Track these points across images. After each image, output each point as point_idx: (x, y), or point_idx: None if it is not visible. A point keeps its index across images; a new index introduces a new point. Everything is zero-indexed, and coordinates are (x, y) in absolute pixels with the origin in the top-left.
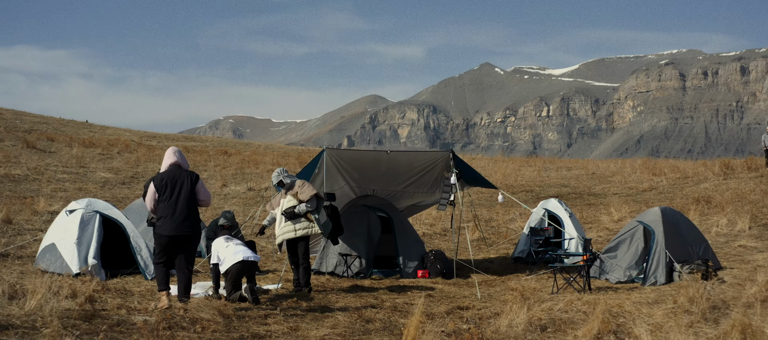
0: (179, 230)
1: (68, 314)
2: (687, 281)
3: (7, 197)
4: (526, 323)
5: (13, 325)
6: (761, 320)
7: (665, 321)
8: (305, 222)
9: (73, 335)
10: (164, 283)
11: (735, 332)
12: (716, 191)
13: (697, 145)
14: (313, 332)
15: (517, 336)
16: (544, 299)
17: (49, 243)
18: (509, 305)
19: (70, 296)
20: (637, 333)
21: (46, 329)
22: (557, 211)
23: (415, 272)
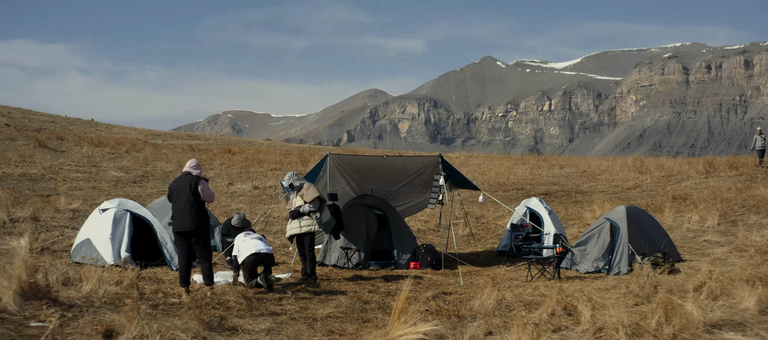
0: (182, 226)
1: (118, 296)
2: (640, 270)
3: (28, 195)
4: (495, 303)
5: (77, 304)
6: (681, 299)
7: (611, 302)
8: (309, 220)
9: (144, 308)
10: (185, 281)
11: (659, 308)
12: (696, 189)
13: (700, 140)
14: (319, 311)
15: (486, 313)
16: (516, 285)
17: (84, 238)
18: (482, 289)
19: (115, 283)
20: (580, 310)
21: (124, 303)
22: (538, 209)
23: (408, 263)
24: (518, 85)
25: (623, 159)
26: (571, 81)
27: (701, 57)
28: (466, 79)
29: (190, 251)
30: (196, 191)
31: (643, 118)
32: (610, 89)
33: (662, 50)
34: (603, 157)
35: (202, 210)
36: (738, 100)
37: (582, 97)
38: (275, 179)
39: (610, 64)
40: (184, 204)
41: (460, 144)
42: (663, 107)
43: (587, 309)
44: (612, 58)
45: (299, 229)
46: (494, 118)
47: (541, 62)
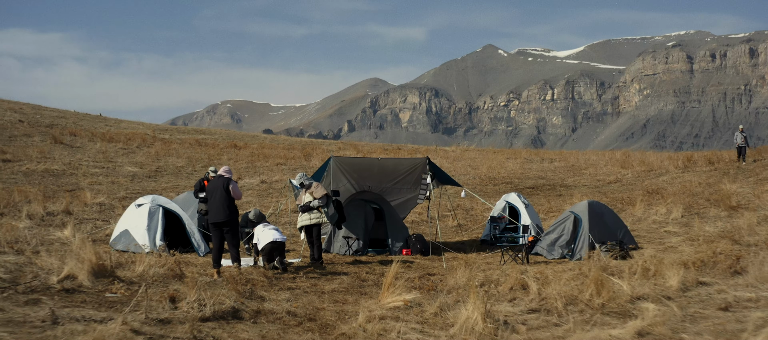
0: (217, 218)
1: (165, 275)
2: (596, 256)
3: (54, 190)
4: (466, 281)
5: (135, 281)
6: (619, 278)
7: (563, 280)
8: (317, 213)
9: (200, 280)
10: (217, 263)
11: (592, 283)
12: (671, 183)
13: (705, 129)
14: (326, 287)
15: (458, 288)
16: (489, 268)
17: (123, 230)
18: (457, 270)
19: (160, 266)
20: (530, 285)
21: (184, 277)
22: (516, 202)
23: (401, 250)
24: (520, 74)
25: (611, 153)
26: (573, 70)
27: (705, 46)
28: (467, 68)
29: (222, 238)
30: (228, 190)
31: (646, 108)
32: (614, 78)
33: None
34: (593, 151)
35: (232, 206)
36: (743, 89)
37: (585, 86)
38: (281, 174)
39: (614, 52)
40: (219, 200)
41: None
42: (667, 97)
43: (536, 284)
44: (615, 46)
45: (309, 221)
46: (496, 108)
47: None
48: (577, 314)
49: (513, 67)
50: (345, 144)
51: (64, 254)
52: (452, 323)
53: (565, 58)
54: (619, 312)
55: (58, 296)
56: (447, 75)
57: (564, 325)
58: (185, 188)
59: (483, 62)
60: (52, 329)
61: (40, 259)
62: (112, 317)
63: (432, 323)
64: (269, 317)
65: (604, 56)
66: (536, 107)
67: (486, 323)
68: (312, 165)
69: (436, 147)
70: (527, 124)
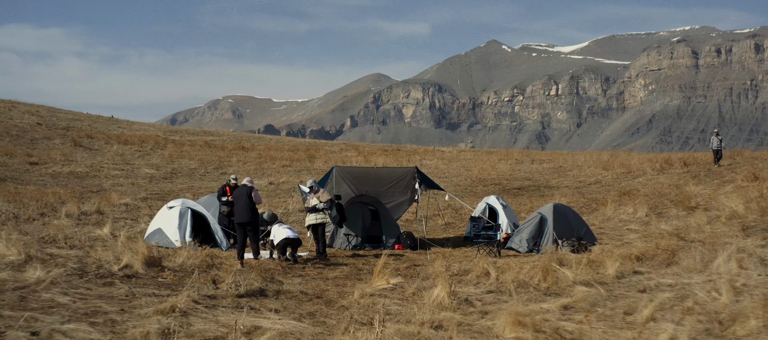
0: (241, 219)
1: (200, 265)
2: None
3: (81, 191)
4: (443, 269)
5: (178, 269)
6: (566, 268)
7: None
8: (323, 214)
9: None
10: (241, 256)
11: (539, 271)
12: (645, 185)
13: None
14: (330, 274)
15: (435, 275)
16: (465, 260)
17: (157, 228)
18: (434, 261)
19: (195, 258)
20: (490, 271)
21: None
22: (495, 204)
23: (393, 245)
24: (525, 69)
25: (598, 154)
26: (578, 65)
27: (711, 41)
28: (471, 64)
29: (245, 235)
30: (250, 197)
31: (652, 103)
32: (619, 74)
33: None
34: (582, 152)
35: (254, 209)
36: (749, 84)
37: (590, 81)
38: (287, 176)
39: (619, 47)
40: (243, 205)
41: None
42: (672, 92)
43: (495, 272)
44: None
45: (315, 220)
46: (500, 103)
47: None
48: (524, 294)
49: (517, 62)
50: (347, 145)
51: (116, 249)
52: (425, 300)
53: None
54: (557, 293)
55: (122, 280)
56: (450, 70)
57: (510, 301)
58: (199, 188)
59: (487, 57)
60: (134, 300)
61: (96, 253)
62: (172, 294)
63: (410, 299)
64: (287, 295)
65: (609, 51)
66: (540, 103)
67: (451, 300)
68: (315, 166)
69: (433, 148)
70: (531, 120)
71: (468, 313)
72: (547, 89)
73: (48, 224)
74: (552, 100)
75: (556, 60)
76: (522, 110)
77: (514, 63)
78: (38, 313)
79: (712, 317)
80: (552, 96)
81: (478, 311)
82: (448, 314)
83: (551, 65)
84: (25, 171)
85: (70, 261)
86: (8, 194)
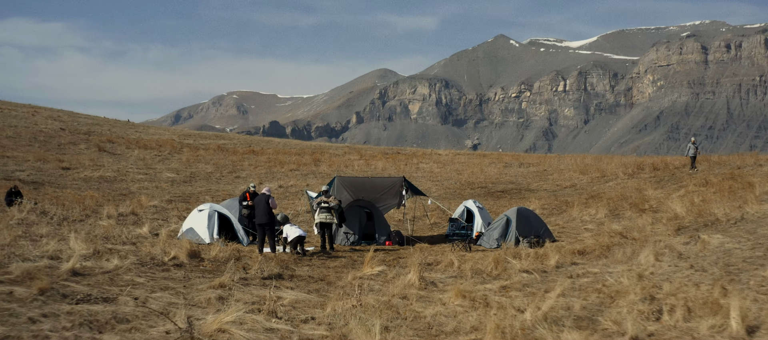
0: (261, 220)
1: (229, 256)
2: (515, 246)
3: (111, 194)
4: (419, 261)
5: (213, 260)
6: (516, 259)
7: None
8: (330, 214)
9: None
10: (261, 250)
11: (492, 261)
12: (613, 189)
13: (719, 121)
14: (331, 264)
15: (412, 265)
16: (440, 254)
17: (189, 227)
18: (412, 254)
19: (224, 251)
20: (455, 262)
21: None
22: (472, 207)
23: (384, 242)
24: (532, 64)
25: (582, 158)
26: (586, 61)
27: (720, 36)
28: (478, 59)
29: (264, 233)
30: (268, 203)
31: (660, 99)
32: (627, 69)
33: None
34: (571, 155)
35: (271, 212)
36: (758, 80)
37: (598, 77)
38: (295, 179)
39: (627, 43)
40: (262, 209)
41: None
42: (681, 88)
43: (458, 261)
44: (629, 36)
45: (325, 219)
46: (507, 99)
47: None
48: (476, 278)
49: (525, 57)
50: (350, 148)
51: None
52: (400, 282)
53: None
54: (502, 277)
55: (174, 268)
56: (457, 66)
57: (464, 283)
58: (217, 191)
59: (494, 53)
60: (190, 280)
61: (145, 247)
62: (215, 277)
63: (389, 282)
64: (298, 278)
65: (618, 47)
66: (548, 99)
67: (420, 282)
68: (320, 170)
69: (431, 150)
70: (539, 116)
71: (430, 290)
72: (555, 85)
73: (94, 224)
74: (559, 97)
75: (564, 55)
76: (529, 106)
77: (521, 58)
78: (129, 288)
79: (608, 294)
80: (560, 92)
81: (439, 289)
82: (414, 290)
83: (559, 61)
84: (59, 176)
85: (130, 254)
86: (52, 198)
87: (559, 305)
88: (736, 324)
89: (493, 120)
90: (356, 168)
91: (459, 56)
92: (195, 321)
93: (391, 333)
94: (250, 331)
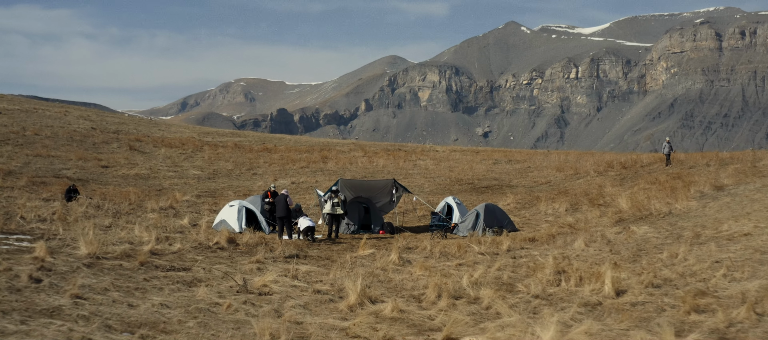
0: (280, 214)
1: (257, 242)
2: (481, 235)
3: (147, 190)
4: (401, 245)
5: (246, 244)
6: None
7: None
8: (339, 207)
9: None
10: (280, 237)
11: (455, 245)
12: (581, 185)
13: (734, 109)
14: (335, 247)
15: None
16: (423, 241)
17: (221, 219)
18: (398, 240)
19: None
20: (429, 247)
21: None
22: (451, 202)
23: (378, 231)
24: (544, 51)
25: (566, 154)
26: (599, 47)
27: (735, 22)
28: (489, 45)
29: (283, 224)
30: (286, 201)
31: (674, 87)
32: (640, 56)
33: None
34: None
35: (288, 209)
36: None
37: (610, 64)
38: (306, 176)
39: (640, 29)
40: (282, 206)
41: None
42: (695, 75)
43: (430, 245)
44: (642, 23)
45: (334, 211)
46: (518, 87)
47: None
48: (443, 258)
49: (536, 44)
50: (355, 145)
51: (205, 233)
52: (383, 260)
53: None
54: (460, 258)
55: (219, 250)
56: (468, 52)
57: (431, 261)
58: (238, 187)
59: (505, 39)
60: (233, 258)
61: (192, 235)
62: (250, 256)
63: (376, 259)
64: (310, 257)
65: (631, 33)
66: (560, 86)
67: (398, 260)
68: (327, 167)
69: (430, 146)
70: (550, 104)
71: (405, 266)
72: (567, 72)
73: (144, 217)
74: (572, 84)
75: (576, 42)
76: (541, 94)
77: (533, 45)
78: (195, 262)
79: (533, 269)
80: (572, 79)
81: (411, 265)
82: (392, 265)
83: (571, 47)
84: (100, 173)
85: (183, 240)
86: (99, 194)
87: (492, 275)
88: (608, 288)
89: (504, 107)
90: (360, 165)
91: (469, 43)
92: (247, 280)
93: (369, 288)
94: (281, 287)
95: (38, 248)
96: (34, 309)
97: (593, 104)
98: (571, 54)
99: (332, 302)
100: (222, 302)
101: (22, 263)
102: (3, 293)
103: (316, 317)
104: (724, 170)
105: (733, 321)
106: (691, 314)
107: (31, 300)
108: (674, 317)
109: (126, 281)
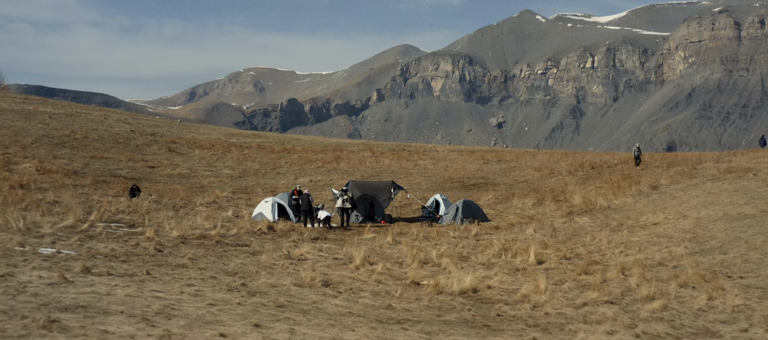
0: (305, 208)
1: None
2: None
3: (191, 188)
4: (396, 231)
5: (281, 230)
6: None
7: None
8: (349, 203)
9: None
10: (305, 225)
11: (436, 232)
12: (551, 184)
13: (753, 99)
14: (347, 233)
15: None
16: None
17: (259, 211)
18: (393, 227)
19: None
20: (417, 232)
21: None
22: (439, 198)
23: (380, 221)
24: (559, 40)
25: (551, 155)
26: (615, 36)
27: (754, 11)
28: (503, 35)
29: (306, 216)
30: (309, 199)
31: (692, 77)
32: (657, 45)
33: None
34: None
35: (311, 204)
36: None
37: (627, 53)
38: (322, 175)
39: (658, 18)
40: (306, 202)
41: (496, 103)
42: (713, 65)
43: (417, 231)
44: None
45: (344, 205)
46: (533, 76)
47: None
48: (425, 241)
49: (551, 33)
50: (365, 145)
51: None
52: (381, 241)
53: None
54: (438, 242)
55: (263, 234)
56: (482, 42)
57: (418, 242)
58: (265, 185)
59: (520, 28)
60: (275, 240)
61: (239, 223)
62: (286, 238)
63: (376, 240)
64: (328, 239)
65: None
66: (575, 75)
67: (392, 241)
68: (340, 167)
69: (432, 146)
70: (566, 94)
71: (396, 245)
72: (583, 62)
73: (196, 210)
74: (587, 73)
75: (592, 31)
76: (556, 84)
77: (548, 34)
78: (250, 242)
79: (486, 247)
80: (587, 69)
81: (401, 244)
82: (387, 244)
83: (587, 36)
84: (149, 173)
85: (235, 227)
86: (155, 191)
87: (456, 251)
88: (532, 259)
89: (519, 97)
90: (368, 164)
91: (483, 32)
92: (290, 251)
93: (369, 257)
94: (312, 255)
95: (148, 231)
96: (169, 265)
97: (609, 94)
98: (587, 43)
99: (345, 264)
100: (278, 263)
101: (142, 241)
102: (146, 257)
103: (335, 271)
104: (668, 172)
105: (607, 279)
106: (581, 275)
107: (165, 261)
108: (568, 276)
109: (212, 252)
